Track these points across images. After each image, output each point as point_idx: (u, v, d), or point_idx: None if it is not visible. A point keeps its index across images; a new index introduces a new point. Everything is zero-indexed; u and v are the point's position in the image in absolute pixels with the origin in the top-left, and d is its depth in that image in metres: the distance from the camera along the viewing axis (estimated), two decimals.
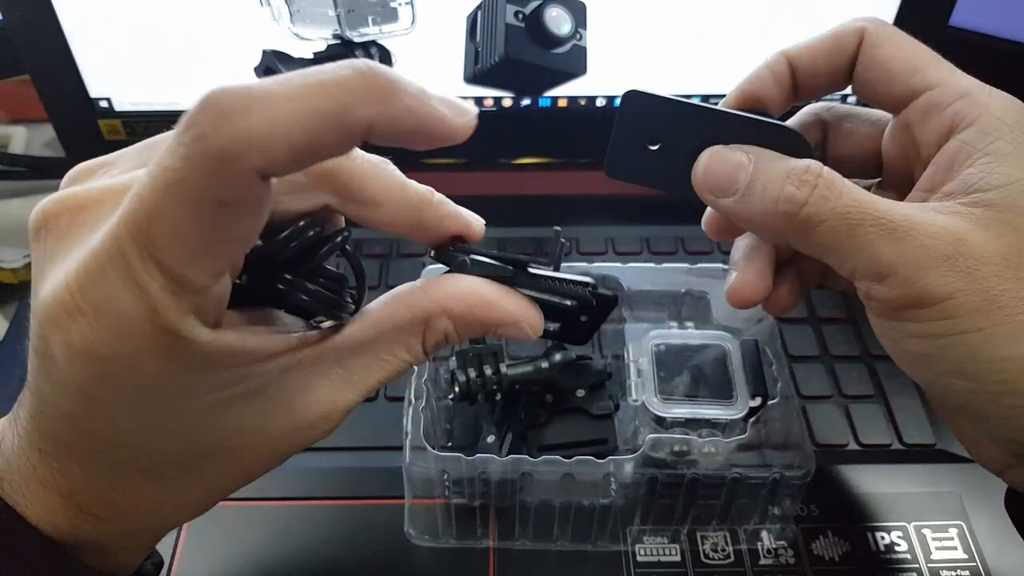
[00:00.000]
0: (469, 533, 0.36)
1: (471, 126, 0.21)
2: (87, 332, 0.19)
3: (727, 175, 0.27)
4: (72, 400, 0.21)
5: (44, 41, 0.47)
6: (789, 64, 0.29)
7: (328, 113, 0.18)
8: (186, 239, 0.18)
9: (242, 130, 0.17)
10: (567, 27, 0.48)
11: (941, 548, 0.36)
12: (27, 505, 0.23)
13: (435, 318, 0.24)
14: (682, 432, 0.34)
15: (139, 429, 0.21)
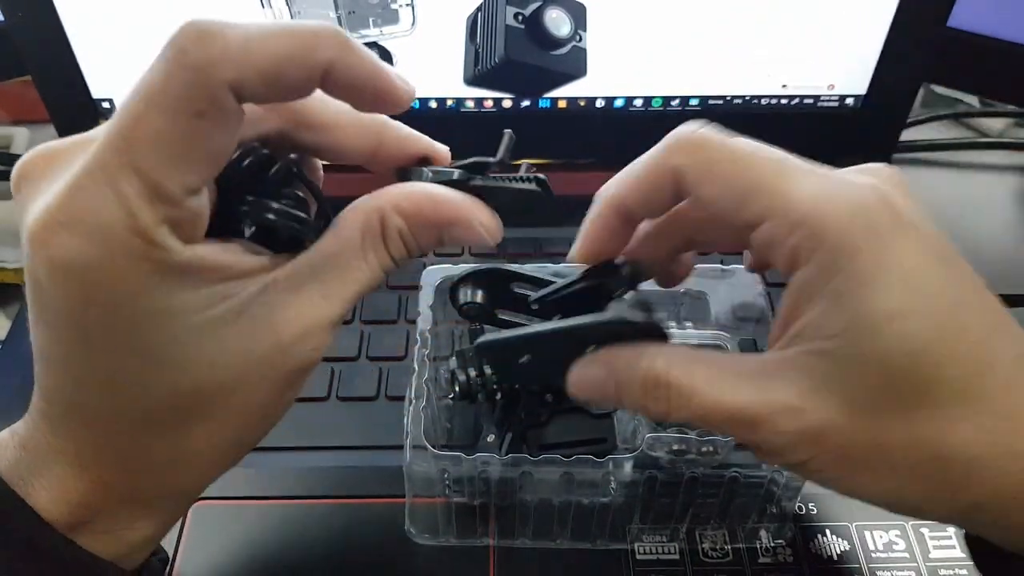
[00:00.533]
0: (469, 532, 0.36)
1: (412, 96, 0.24)
2: (67, 242, 0.20)
3: (595, 391, 0.28)
4: (61, 332, 0.22)
5: (46, 42, 0.48)
6: (617, 209, 0.28)
7: (294, 48, 0.21)
8: (164, 146, 0.20)
9: (219, 47, 0.20)
10: (567, 29, 0.48)
11: (939, 547, 0.36)
12: (40, 481, 0.24)
13: (388, 217, 0.25)
14: (681, 431, 0.34)
15: (126, 363, 0.22)
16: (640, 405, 0.26)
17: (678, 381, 0.26)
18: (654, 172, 0.27)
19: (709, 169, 0.25)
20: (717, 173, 0.25)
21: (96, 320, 0.21)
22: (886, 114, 0.53)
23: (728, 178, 0.25)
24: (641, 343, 0.27)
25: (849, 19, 0.48)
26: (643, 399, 0.26)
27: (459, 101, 0.51)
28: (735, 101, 0.51)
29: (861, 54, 0.50)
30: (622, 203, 0.28)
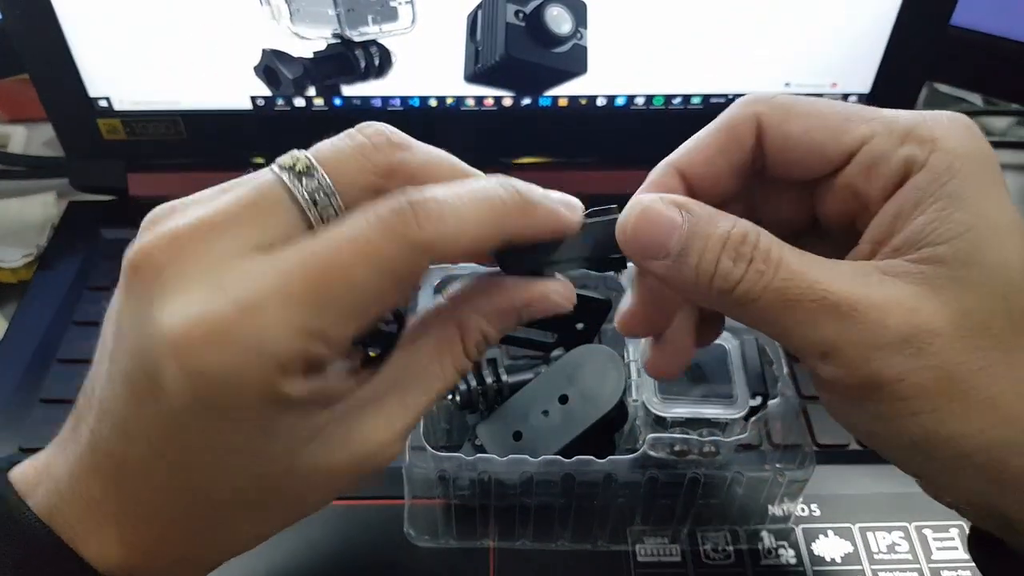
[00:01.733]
0: (469, 533, 0.36)
1: (580, 219, 0.25)
2: (217, 358, 0.20)
3: (657, 236, 0.23)
4: (164, 431, 0.21)
5: (43, 40, 0.47)
6: (680, 175, 0.26)
7: (491, 228, 0.23)
8: (354, 298, 0.21)
9: (437, 230, 0.21)
10: (568, 26, 0.47)
11: (942, 548, 0.36)
12: (81, 536, 0.23)
13: (466, 319, 0.25)
14: (682, 432, 0.34)
15: (218, 466, 0.22)
16: (708, 268, 0.22)
17: (767, 244, 0.22)
18: (731, 123, 0.25)
19: (792, 108, 0.25)
20: (803, 111, 0.25)
21: (208, 427, 0.21)
22: None
23: (816, 112, 0.24)
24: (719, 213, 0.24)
25: (852, 17, 0.48)
26: (715, 258, 0.22)
27: (459, 99, 0.51)
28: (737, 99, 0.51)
29: (864, 52, 0.49)
30: (692, 163, 0.26)
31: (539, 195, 0.24)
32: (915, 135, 0.23)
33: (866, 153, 0.24)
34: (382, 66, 0.49)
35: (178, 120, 0.51)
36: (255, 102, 0.51)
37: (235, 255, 0.21)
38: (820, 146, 0.24)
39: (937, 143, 0.23)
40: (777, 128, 0.25)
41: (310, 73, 0.49)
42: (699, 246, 0.23)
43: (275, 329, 0.20)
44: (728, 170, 0.25)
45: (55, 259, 0.51)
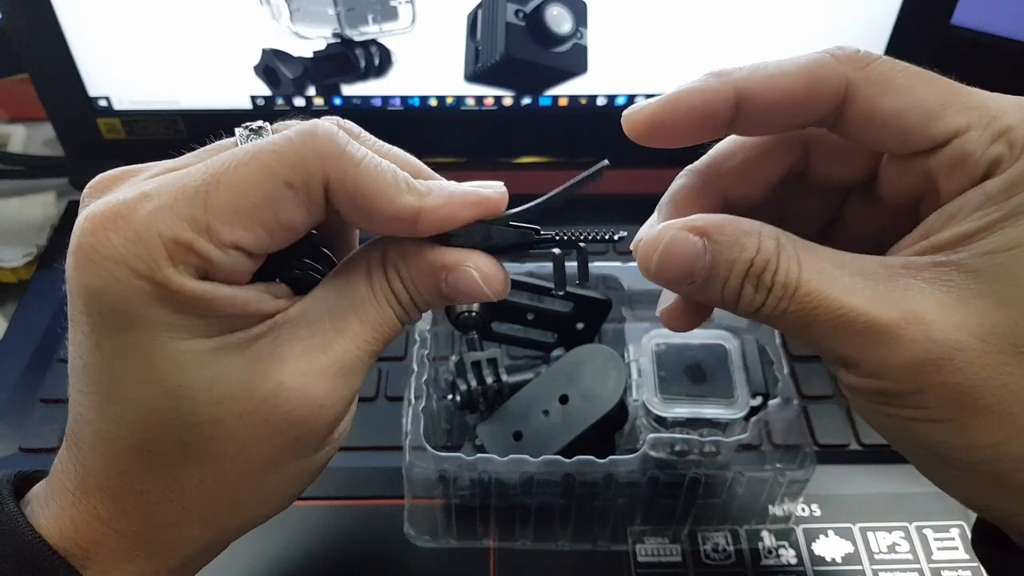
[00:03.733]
0: (469, 533, 0.36)
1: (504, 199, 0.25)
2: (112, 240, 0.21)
3: (683, 266, 0.23)
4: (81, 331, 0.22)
5: (43, 40, 0.47)
6: (737, 94, 0.24)
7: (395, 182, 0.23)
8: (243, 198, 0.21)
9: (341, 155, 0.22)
10: (568, 26, 0.47)
11: (943, 548, 0.36)
12: (43, 509, 0.24)
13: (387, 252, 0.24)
14: (683, 432, 0.33)
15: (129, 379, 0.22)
16: (731, 293, 0.23)
17: (787, 266, 0.22)
18: (814, 77, 0.23)
19: (890, 81, 0.22)
20: (900, 86, 0.22)
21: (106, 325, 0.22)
22: None
23: (914, 90, 0.22)
24: (741, 219, 0.23)
25: (852, 17, 0.48)
26: (737, 285, 0.22)
27: (459, 99, 0.51)
28: None
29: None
30: (758, 91, 0.23)
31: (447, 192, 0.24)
32: (1010, 136, 0.21)
33: (956, 147, 0.22)
34: (382, 65, 0.49)
35: (178, 119, 0.51)
36: (255, 101, 0.51)
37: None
38: (908, 130, 0.22)
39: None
40: (866, 100, 0.22)
41: (310, 72, 0.49)
42: (723, 273, 0.23)
43: (163, 213, 0.21)
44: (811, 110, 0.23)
45: (55, 259, 0.51)
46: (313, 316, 0.24)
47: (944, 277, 0.21)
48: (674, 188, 0.26)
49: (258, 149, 0.22)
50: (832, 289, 0.22)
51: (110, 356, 0.22)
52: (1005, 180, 0.21)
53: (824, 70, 0.23)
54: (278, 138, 0.22)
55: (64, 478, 0.24)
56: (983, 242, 0.21)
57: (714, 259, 0.23)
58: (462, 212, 0.24)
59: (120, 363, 0.22)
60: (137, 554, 0.24)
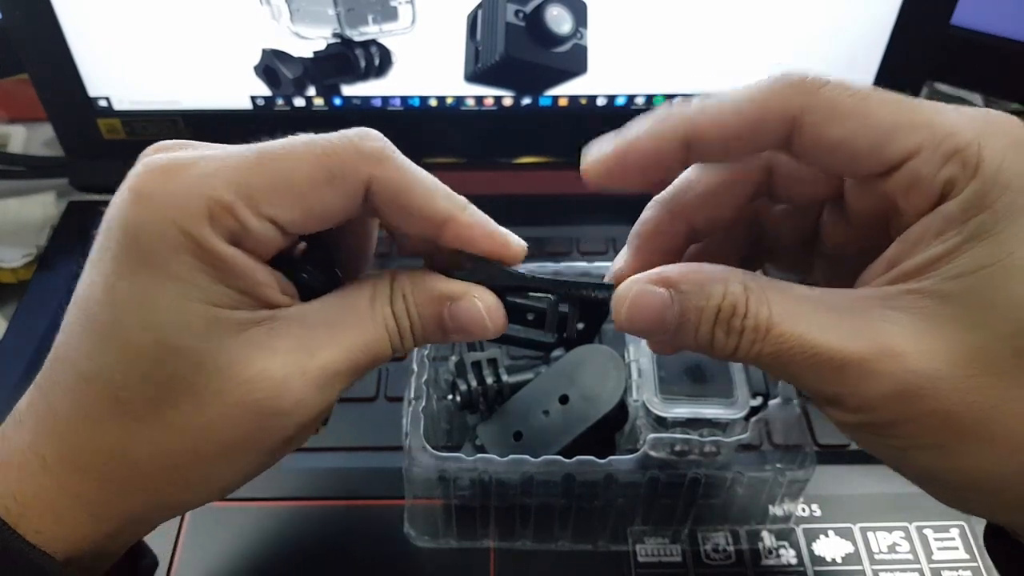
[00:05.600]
0: (469, 534, 0.36)
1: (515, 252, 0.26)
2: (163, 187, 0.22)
3: (652, 320, 0.24)
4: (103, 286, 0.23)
5: (43, 40, 0.47)
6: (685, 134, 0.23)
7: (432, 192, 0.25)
8: (288, 180, 0.23)
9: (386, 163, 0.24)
10: (568, 26, 0.47)
11: (943, 548, 0.36)
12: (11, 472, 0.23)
13: (397, 278, 0.26)
14: (683, 432, 0.33)
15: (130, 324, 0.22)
16: (704, 339, 0.23)
17: (756, 310, 0.22)
18: (763, 108, 0.23)
19: (839, 106, 0.22)
20: (850, 111, 0.22)
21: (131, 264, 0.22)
22: None
23: (864, 115, 0.22)
24: (710, 265, 0.23)
25: (852, 17, 0.48)
26: (709, 331, 0.23)
27: (459, 99, 0.51)
28: None
29: (864, 52, 0.49)
30: (707, 128, 0.23)
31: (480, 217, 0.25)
32: (961, 156, 0.21)
33: (909, 170, 0.22)
34: (382, 66, 0.49)
35: (178, 120, 0.51)
36: (255, 102, 0.51)
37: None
38: (859, 156, 0.22)
39: (980, 168, 0.21)
40: (815, 129, 0.22)
41: (310, 73, 0.49)
42: (693, 320, 0.23)
43: (214, 175, 0.22)
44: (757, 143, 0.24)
45: (55, 259, 0.51)
46: (310, 320, 0.24)
47: (916, 305, 0.21)
48: (642, 220, 0.27)
49: (311, 139, 0.23)
50: (804, 329, 0.22)
51: (121, 298, 0.22)
52: (961, 202, 0.21)
53: (772, 100, 0.23)
54: (333, 135, 0.24)
55: (16, 428, 0.24)
56: (949, 267, 0.21)
57: (682, 308, 0.23)
58: (485, 241, 0.25)
59: (128, 306, 0.22)
60: (74, 514, 0.24)
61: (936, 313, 0.21)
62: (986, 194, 0.21)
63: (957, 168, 0.21)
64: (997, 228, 0.21)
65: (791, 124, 0.22)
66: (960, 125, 0.22)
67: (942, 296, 0.21)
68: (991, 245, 0.21)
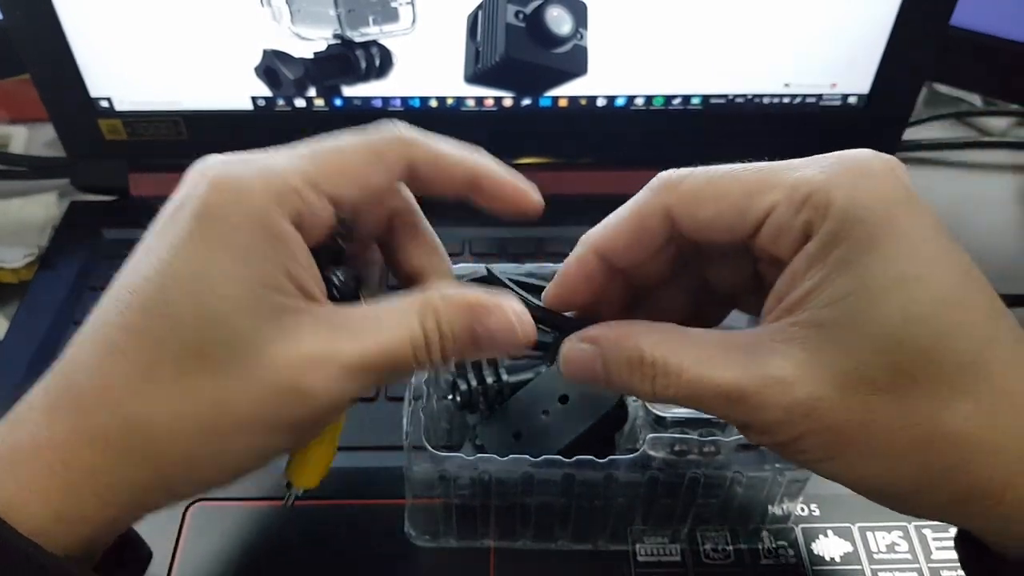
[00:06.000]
0: (469, 533, 0.36)
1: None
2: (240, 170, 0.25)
3: (584, 370, 0.27)
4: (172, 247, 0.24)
5: (44, 41, 0.47)
6: (601, 253, 0.28)
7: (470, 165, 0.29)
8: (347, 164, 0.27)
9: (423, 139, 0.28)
10: (568, 27, 0.48)
11: (942, 548, 0.36)
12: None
13: (432, 290, 0.27)
14: (682, 431, 0.34)
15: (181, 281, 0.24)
16: (627, 384, 0.26)
17: (664, 359, 0.25)
18: (640, 214, 0.27)
19: (699, 195, 0.26)
20: (709, 195, 0.26)
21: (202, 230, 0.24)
22: (889, 113, 0.53)
23: (723, 195, 0.26)
24: (628, 322, 0.27)
25: (852, 18, 0.48)
26: (629, 378, 0.26)
27: (459, 100, 0.51)
28: (737, 100, 0.51)
29: (864, 53, 0.50)
30: (607, 248, 0.28)
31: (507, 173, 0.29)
32: (812, 201, 0.24)
33: (770, 224, 0.25)
34: (383, 67, 0.49)
35: (179, 120, 0.52)
36: (256, 102, 0.51)
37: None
38: (730, 226, 0.26)
39: (830, 208, 0.24)
40: (688, 217, 0.26)
41: (311, 73, 0.49)
42: (616, 369, 0.26)
43: (280, 165, 0.25)
44: (645, 251, 0.28)
45: (56, 259, 0.51)
46: (336, 320, 0.26)
47: (797, 336, 0.24)
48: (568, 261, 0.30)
49: (357, 132, 0.27)
50: (707, 369, 0.25)
51: (174, 270, 0.24)
52: (819, 242, 0.24)
53: (644, 205, 0.27)
54: (372, 127, 0.28)
55: (28, 411, 0.24)
56: (820, 297, 0.24)
57: (605, 359, 0.27)
58: (512, 192, 0.29)
59: (180, 278, 0.24)
60: (80, 497, 0.24)
61: (816, 340, 0.24)
62: (839, 230, 0.24)
63: (811, 212, 0.24)
64: (853, 258, 0.23)
65: (669, 219, 0.27)
66: (811, 174, 0.25)
67: (817, 325, 0.24)
68: (851, 275, 0.23)
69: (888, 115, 0.53)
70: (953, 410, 0.23)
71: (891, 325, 0.23)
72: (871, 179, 0.24)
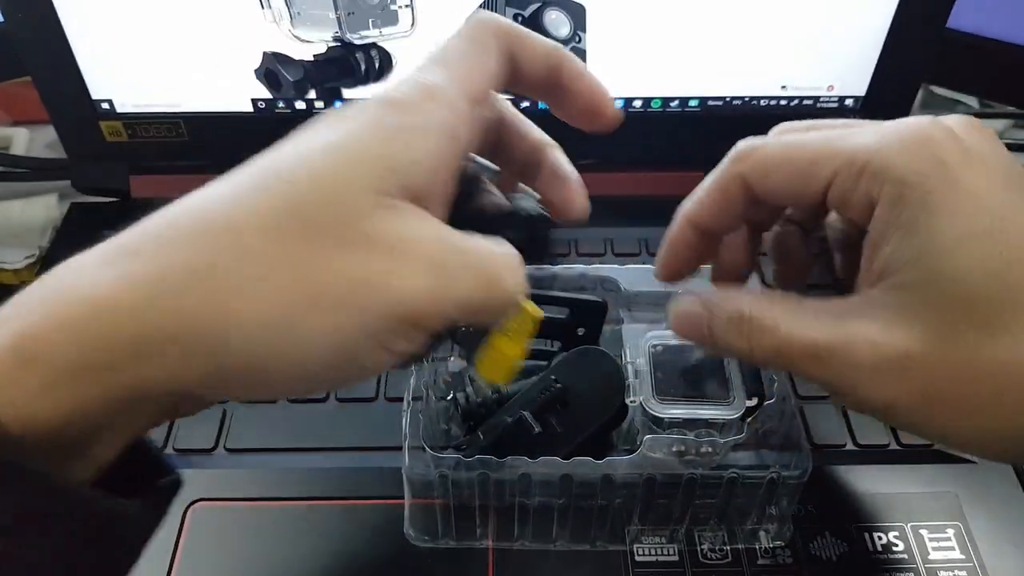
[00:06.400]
0: (468, 534, 0.36)
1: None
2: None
3: (693, 327, 0.29)
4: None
5: (46, 43, 0.48)
6: (695, 224, 0.30)
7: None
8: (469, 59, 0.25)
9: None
10: (566, 30, 0.48)
11: (938, 548, 0.36)
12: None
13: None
14: (679, 432, 0.34)
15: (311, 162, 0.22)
16: (726, 340, 0.28)
17: (760, 316, 0.27)
18: (721, 184, 0.29)
19: (769, 163, 0.28)
20: (776, 164, 0.28)
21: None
22: (885, 115, 0.52)
23: (787, 163, 0.27)
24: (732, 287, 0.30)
25: (849, 20, 0.48)
26: (727, 334, 0.28)
27: None
28: (734, 102, 0.51)
29: (861, 55, 0.50)
30: (698, 219, 0.30)
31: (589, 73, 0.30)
32: (870, 169, 0.26)
33: (833, 194, 0.27)
34: (382, 69, 0.49)
35: (180, 122, 0.52)
36: (256, 105, 0.51)
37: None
38: (799, 193, 0.28)
39: (888, 174, 0.25)
40: (760, 184, 0.28)
41: (311, 76, 0.49)
42: (719, 327, 0.28)
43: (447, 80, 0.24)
44: (732, 216, 0.30)
45: (57, 260, 0.50)
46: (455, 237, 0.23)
47: (884, 300, 0.25)
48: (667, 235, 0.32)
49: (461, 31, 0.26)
50: (799, 328, 0.26)
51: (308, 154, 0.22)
52: (885, 205, 0.25)
53: (723, 176, 0.29)
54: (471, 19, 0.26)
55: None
56: (897, 260, 0.25)
57: (711, 317, 0.28)
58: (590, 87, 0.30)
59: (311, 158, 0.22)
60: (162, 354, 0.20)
61: (901, 302, 0.25)
62: (902, 195, 0.25)
63: (870, 180, 0.26)
64: (920, 220, 0.25)
65: (746, 186, 0.28)
66: (868, 142, 0.26)
67: (900, 286, 0.25)
68: (920, 236, 0.25)
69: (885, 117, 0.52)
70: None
71: (970, 278, 0.24)
72: (926, 143, 0.25)
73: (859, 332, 0.25)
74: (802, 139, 0.28)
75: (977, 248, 0.24)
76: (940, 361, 0.24)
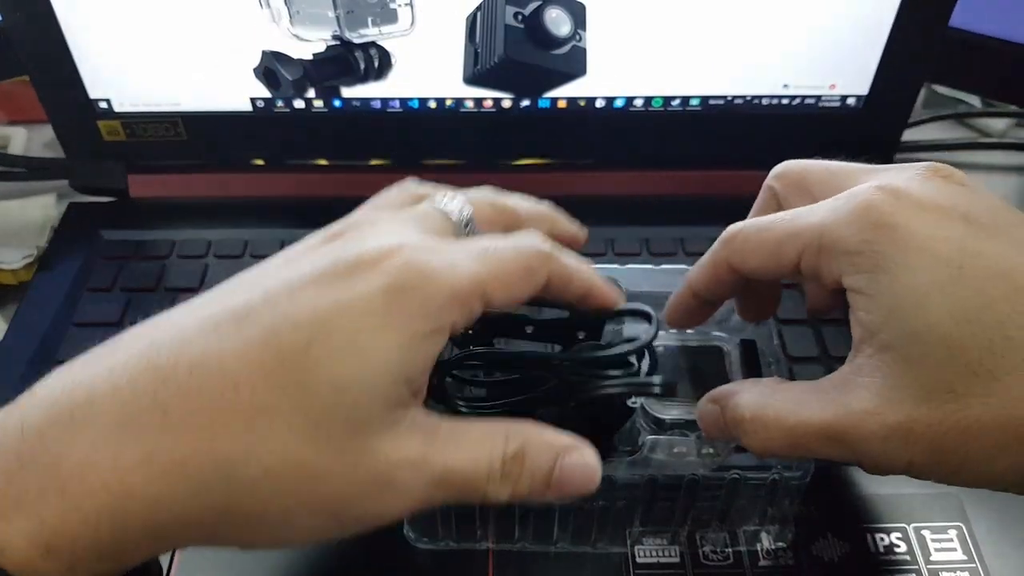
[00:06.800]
0: (468, 535, 0.36)
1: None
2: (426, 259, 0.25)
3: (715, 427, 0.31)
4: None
5: (43, 42, 0.47)
6: (694, 293, 0.33)
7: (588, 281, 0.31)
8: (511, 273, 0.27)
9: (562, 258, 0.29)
10: (566, 28, 0.48)
11: (941, 549, 0.36)
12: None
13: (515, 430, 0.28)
14: (681, 434, 0.34)
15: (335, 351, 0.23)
16: (744, 436, 0.29)
17: (761, 414, 0.28)
18: (710, 267, 0.31)
19: (743, 249, 0.30)
20: (750, 249, 0.29)
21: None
22: (888, 114, 0.53)
23: (758, 247, 0.29)
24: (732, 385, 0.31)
25: (851, 19, 0.48)
26: (740, 436, 0.29)
27: (458, 101, 0.51)
28: (736, 101, 0.51)
29: (863, 54, 0.50)
30: (697, 289, 0.32)
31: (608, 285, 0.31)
32: (825, 246, 0.27)
33: (804, 270, 0.28)
34: (381, 68, 0.49)
35: (178, 121, 0.52)
36: (255, 104, 0.51)
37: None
38: (774, 272, 0.29)
39: (839, 247, 0.26)
40: (742, 267, 0.30)
41: (310, 75, 0.49)
42: (730, 429, 0.29)
43: (466, 266, 0.25)
44: (727, 289, 0.32)
45: (55, 260, 0.51)
46: (430, 424, 0.26)
47: (878, 365, 0.26)
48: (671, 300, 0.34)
49: (516, 244, 0.28)
50: (804, 414, 0.27)
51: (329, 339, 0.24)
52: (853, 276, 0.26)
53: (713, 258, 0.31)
54: (523, 240, 0.28)
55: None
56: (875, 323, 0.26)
57: (724, 419, 0.30)
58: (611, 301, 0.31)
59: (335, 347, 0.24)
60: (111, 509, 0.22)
61: (890, 364, 0.25)
62: (855, 264, 0.26)
63: (828, 257, 0.27)
64: (883, 278, 0.25)
65: (731, 268, 0.30)
66: (820, 221, 0.27)
67: (885, 347, 0.25)
68: (888, 296, 0.25)
69: (887, 116, 0.53)
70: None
71: (940, 331, 0.24)
72: (867, 210, 0.26)
73: (860, 405, 0.25)
74: (772, 221, 0.29)
75: (941, 299, 0.24)
76: (939, 420, 0.24)
